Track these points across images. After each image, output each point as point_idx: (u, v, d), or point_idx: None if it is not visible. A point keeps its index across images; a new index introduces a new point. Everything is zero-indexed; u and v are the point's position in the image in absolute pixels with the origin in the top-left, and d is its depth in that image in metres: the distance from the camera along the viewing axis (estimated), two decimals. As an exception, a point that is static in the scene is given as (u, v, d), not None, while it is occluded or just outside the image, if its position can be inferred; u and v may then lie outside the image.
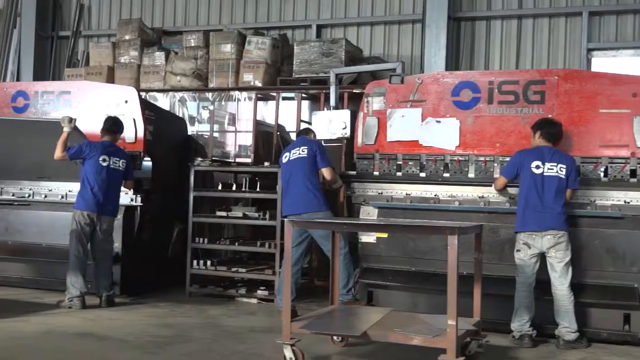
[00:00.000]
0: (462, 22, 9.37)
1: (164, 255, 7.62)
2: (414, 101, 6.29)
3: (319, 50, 8.87)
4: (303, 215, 6.05)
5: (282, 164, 6.37)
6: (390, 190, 6.34)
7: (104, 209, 6.49)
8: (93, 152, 6.46)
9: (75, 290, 6.33)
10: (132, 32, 10.19)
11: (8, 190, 7.67)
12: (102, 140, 6.60)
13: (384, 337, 4.13)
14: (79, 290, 6.33)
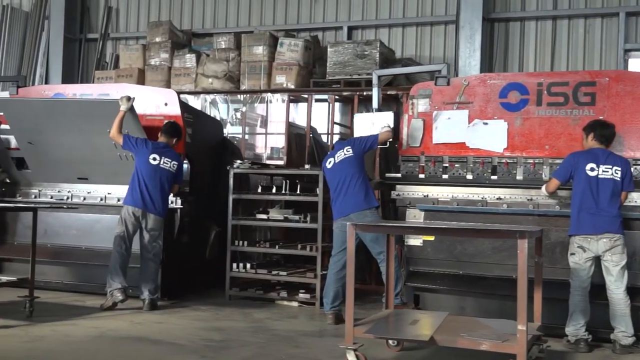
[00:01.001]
0: (495, 23, 9.31)
1: (201, 258, 7.60)
2: (460, 103, 6.24)
3: (353, 52, 8.82)
4: (351, 215, 6.00)
5: (327, 170, 6.31)
6: (436, 193, 6.30)
7: (150, 206, 6.48)
8: (145, 149, 6.50)
9: (115, 284, 6.34)
10: (162, 34, 10.18)
11: (46, 192, 7.67)
12: (159, 142, 6.67)
13: (451, 342, 4.08)
14: (119, 283, 6.34)
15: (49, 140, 7.21)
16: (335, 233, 6.17)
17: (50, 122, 7.06)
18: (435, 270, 6.15)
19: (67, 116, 6.97)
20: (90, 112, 6.91)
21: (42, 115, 7.09)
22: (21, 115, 7.20)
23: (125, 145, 6.58)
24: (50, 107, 7.11)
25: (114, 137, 6.61)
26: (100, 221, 7.35)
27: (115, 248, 6.44)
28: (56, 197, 7.60)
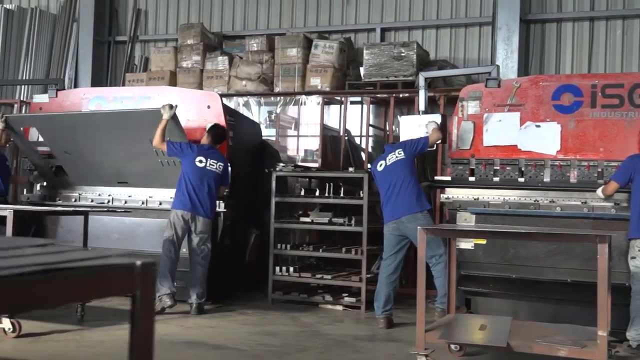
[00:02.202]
0: (531, 25, 9.25)
1: (241, 261, 7.56)
2: (511, 105, 6.19)
3: (390, 54, 8.77)
4: (403, 218, 5.96)
5: (378, 173, 6.25)
6: (486, 196, 6.25)
7: (198, 209, 6.44)
8: (191, 152, 6.45)
9: (164, 289, 6.29)
10: (194, 36, 10.15)
11: (86, 196, 7.64)
12: (203, 144, 6.60)
13: (527, 348, 4.03)
14: (167, 288, 6.29)
15: (87, 149, 7.19)
16: (387, 236, 6.12)
17: (87, 133, 7.02)
18: (487, 274, 6.09)
19: (106, 127, 6.93)
20: (131, 121, 6.85)
21: (79, 127, 7.06)
22: (56, 129, 7.18)
23: (170, 151, 6.51)
24: (88, 119, 7.09)
25: (158, 146, 6.53)
26: (142, 225, 7.32)
27: (164, 252, 6.39)
28: (96, 200, 7.57)
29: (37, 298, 1.00)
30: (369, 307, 6.74)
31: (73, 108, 7.74)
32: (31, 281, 0.97)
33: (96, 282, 1.12)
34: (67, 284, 1.05)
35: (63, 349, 4.81)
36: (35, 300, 1.00)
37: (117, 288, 1.16)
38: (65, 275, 1.04)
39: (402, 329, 6.05)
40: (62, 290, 1.05)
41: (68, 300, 1.12)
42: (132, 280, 1.17)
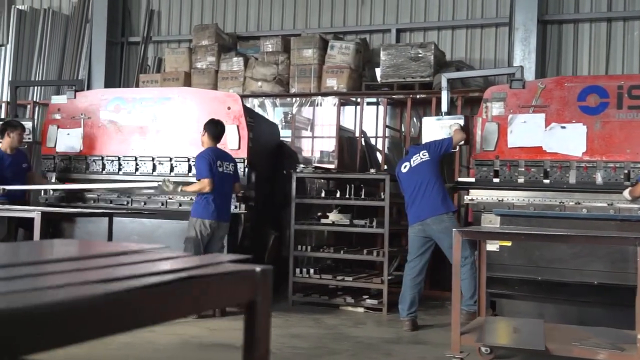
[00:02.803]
0: (548, 25, 9.22)
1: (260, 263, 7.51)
2: (536, 106, 6.16)
3: (407, 55, 8.74)
4: (428, 220, 5.93)
5: (403, 174, 6.21)
6: (511, 198, 6.22)
7: (222, 216, 6.39)
8: (214, 162, 6.31)
9: None
10: (208, 37, 10.12)
11: (105, 197, 7.61)
12: (212, 148, 6.41)
13: (566, 351, 4.00)
14: None
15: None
16: (412, 238, 6.10)
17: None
18: (513, 276, 6.05)
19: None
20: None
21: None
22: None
23: (210, 174, 6.22)
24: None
25: (203, 190, 6.26)
26: (161, 226, 7.29)
27: (188, 252, 6.35)
28: (115, 202, 7.54)
29: (171, 309, 0.98)
30: (391, 309, 6.72)
31: (92, 109, 7.72)
32: (169, 291, 0.94)
33: (220, 290, 1.09)
34: (199, 292, 1.03)
35: (89, 352, 4.77)
36: (167, 312, 0.97)
37: (240, 295, 1.13)
38: (199, 283, 1.01)
39: (427, 331, 6.02)
40: (193, 299, 1.02)
41: (195, 311, 1.09)
42: (253, 287, 1.14)
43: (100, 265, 1.08)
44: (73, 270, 1.00)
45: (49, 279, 0.93)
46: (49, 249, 1.44)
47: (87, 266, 1.08)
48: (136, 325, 0.89)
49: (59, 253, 1.33)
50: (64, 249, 1.41)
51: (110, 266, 1.07)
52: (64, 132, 7.78)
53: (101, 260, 1.14)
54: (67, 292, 0.81)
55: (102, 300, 0.81)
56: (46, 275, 0.98)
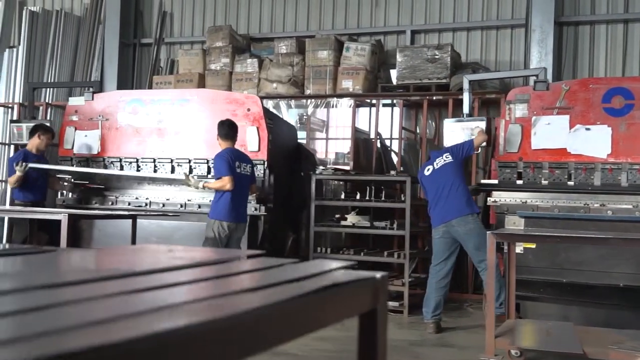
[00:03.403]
0: (564, 27, 9.19)
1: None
2: (560, 108, 6.14)
3: (423, 57, 8.72)
4: (453, 221, 5.90)
5: (426, 177, 6.18)
6: (535, 200, 6.20)
7: (240, 217, 6.37)
8: (232, 163, 6.29)
9: None
10: (222, 39, 10.10)
11: (123, 199, 7.59)
12: (230, 149, 6.35)
13: (603, 355, 3.97)
14: None
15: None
16: (436, 241, 6.07)
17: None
18: (537, 278, 6.03)
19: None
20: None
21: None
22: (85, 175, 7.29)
23: (229, 172, 6.19)
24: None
25: (222, 188, 6.22)
26: (181, 228, 7.27)
27: None
28: (134, 203, 7.53)
29: (319, 318, 0.95)
30: (412, 312, 6.70)
31: (109, 110, 7.70)
32: (322, 299, 0.92)
33: (353, 298, 1.07)
34: (339, 300, 1.00)
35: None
36: (318, 321, 0.95)
37: (364, 303, 1.11)
38: (342, 290, 0.99)
39: (451, 334, 6.00)
40: (335, 307, 1.00)
41: (335, 319, 1.06)
42: (375, 294, 1.12)
43: (232, 271, 1.06)
44: (211, 278, 0.98)
45: (202, 290, 0.91)
46: (147, 254, 1.41)
47: (225, 272, 1.06)
48: (293, 336, 0.87)
49: (165, 259, 1.30)
50: (162, 255, 1.39)
51: (243, 272, 1.04)
52: (81, 134, 7.76)
53: (223, 267, 1.12)
54: (235, 301, 0.79)
55: (276, 307, 0.79)
56: (191, 284, 0.95)
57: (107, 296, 0.80)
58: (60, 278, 0.91)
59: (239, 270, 1.09)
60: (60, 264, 1.19)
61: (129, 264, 1.20)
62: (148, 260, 1.27)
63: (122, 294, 0.82)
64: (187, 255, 1.31)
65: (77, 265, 1.18)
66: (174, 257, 1.30)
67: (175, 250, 1.35)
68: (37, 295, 0.81)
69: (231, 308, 0.74)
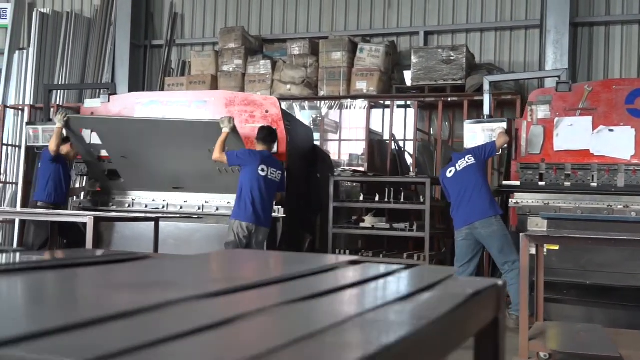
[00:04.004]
0: (579, 28, 9.17)
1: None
2: (583, 109, 6.12)
3: (439, 58, 8.70)
4: (476, 223, 5.87)
5: (448, 179, 6.15)
6: (558, 201, 6.18)
7: (261, 220, 6.33)
8: (252, 160, 6.30)
9: None
10: (235, 40, 10.08)
11: (141, 202, 7.56)
12: (262, 150, 6.41)
13: (640, 357, 3.94)
14: None
15: (144, 155, 7.11)
16: (459, 244, 6.03)
17: (145, 139, 6.95)
18: (561, 280, 6.00)
19: (163, 135, 6.86)
20: (189, 132, 6.78)
21: (137, 133, 6.99)
22: (114, 133, 7.09)
23: (231, 161, 6.35)
24: (145, 126, 7.00)
25: (218, 159, 6.38)
26: (199, 230, 7.24)
27: None
28: (151, 206, 7.50)
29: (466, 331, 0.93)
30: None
31: (126, 113, 7.66)
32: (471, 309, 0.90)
33: (482, 308, 1.04)
34: (475, 311, 0.98)
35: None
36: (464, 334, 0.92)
37: (490, 313, 1.08)
38: (481, 299, 0.97)
39: (475, 336, 5.96)
40: (475, 319, 0.98)
41: (472, 333, 1.04)
42: (498, 303, 1.10)
43: (364, 278, 1.03)
44: (357, 285, 0.95)
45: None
46: (255, 261, 1.39)
47: (357, 279, 1.03)
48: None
49: (277, 265, 1.28)
50: (265, 261, 1.36)
51: (373, 279, 1.02)
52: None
53: (346, 273, 1.09)
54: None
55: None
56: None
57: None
58: (223, 284, 0.89)
59: (367, 277, 1.07)
60: (190, 270, 1.16)
61: (266, 270, 1.18)
62: (274, 268, 1.24)
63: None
64: (292, 261, 1.29)
65: (216, 270, 1.17)
66: (281, 263, 1.28)
67: (271, 255, 1.33)
68: (237, 300, 0.79)
69: (419, 320, 0.72)
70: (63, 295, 0.89)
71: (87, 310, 0.74)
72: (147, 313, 0.70)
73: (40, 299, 0.86)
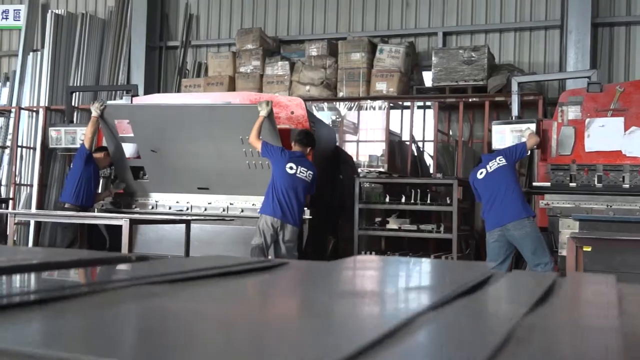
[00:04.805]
0: (599, 28, 9.14)
1: (320, 269, 7.43)
2: (615, 110, 6.09)
3: (460, 58, 8.67)
4: (509, 225, 5.84)
5: (479, 180, 6.12)
6: (589, 202, 6.15)
7: (288, 217, 6.31)
8: (282, 157, 6.30)
9: None
10: (253, 41, 10.04)
11: (164, 203, 7.52)
12: (294, 150, 6.43)
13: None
14: None
15: (174, 147, 7.06)
16: (491, 246, 6.00)
17: (179, 128, 6.90)
18: (593, 282, 5.97)
19: (199, 122, 6.81)
20: (225, 118, 6.74)
21: (171, 122, 6.93)
22: (148, 122, 7.04)
23: (264, 152, 6.40)
24: (182, 113, 6.94)
25: (253, 143, 6.44)
26: (223, 232, 7.21)
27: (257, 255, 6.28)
28: (175, 207, 7.46)
29: None
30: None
31: (150, 114, 7.62)
32: None
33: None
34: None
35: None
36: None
37: None
38: None
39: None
40: None
41: None
42: None
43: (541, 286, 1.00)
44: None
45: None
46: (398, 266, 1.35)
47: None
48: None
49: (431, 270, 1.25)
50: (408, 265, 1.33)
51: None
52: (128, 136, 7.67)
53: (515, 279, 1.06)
54: None
55: None
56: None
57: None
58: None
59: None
60: (349, 278, 1.13)
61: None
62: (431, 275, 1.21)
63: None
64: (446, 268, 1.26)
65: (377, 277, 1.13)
66: (432, 270, 1.24)
67: (413, 261, 1.29)
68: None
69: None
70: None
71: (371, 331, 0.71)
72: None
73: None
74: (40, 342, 0.65)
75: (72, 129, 7.78)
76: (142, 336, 0.71)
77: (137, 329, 0.76)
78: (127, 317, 0.79)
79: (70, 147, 8.27)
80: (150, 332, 0.72)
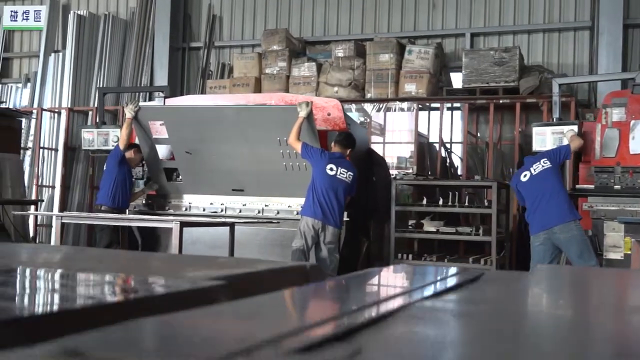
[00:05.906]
0: (629, 29, 9.09)
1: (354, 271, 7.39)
2: (660, 112, 6.04)
3: (491, 60, 8.62)
4: (555, 228, 5.79)
5: (523, 183, 6.07)
6: (634, 205, 6.10)
7: (329, 218, 6.27)
8: (322, 159, 6.26)
9: None
10: (279, 42, 10.00)
11: (198, 205, 7.48)
12: (333, 152, 6.39)
13: None
14: None
15: (209, 149, 7.01)
16: (536, 249, 5.94)
17: (215, 130, 6.85)
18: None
19: (234, 124, 6.77)
20: (261, 119, 6.69)
21: (207, 123, 6.88)
22: (183, 124, 6.99)
23: (304, 153, 6.35)
24: (218, 115, 6.89)
25: (293, 144, 6.40)
26: (257, 234, 7.16)
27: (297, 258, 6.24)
28: (208, 209, 7.42)
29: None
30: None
31: (182, 116, 7.58)
32: None
33: None
34: None
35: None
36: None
37: None
38: None
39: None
40: None
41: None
42: None
43: None
44: None
45: None
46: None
47: None
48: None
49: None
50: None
51: None
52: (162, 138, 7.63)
53: None
54: None
55: None
56: None
57: None
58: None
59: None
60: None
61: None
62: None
63: None
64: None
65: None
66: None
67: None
68: None
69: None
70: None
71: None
72: None
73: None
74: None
75: (104, 130, 7.74)
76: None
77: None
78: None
79: (102, 149, 8.22)
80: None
